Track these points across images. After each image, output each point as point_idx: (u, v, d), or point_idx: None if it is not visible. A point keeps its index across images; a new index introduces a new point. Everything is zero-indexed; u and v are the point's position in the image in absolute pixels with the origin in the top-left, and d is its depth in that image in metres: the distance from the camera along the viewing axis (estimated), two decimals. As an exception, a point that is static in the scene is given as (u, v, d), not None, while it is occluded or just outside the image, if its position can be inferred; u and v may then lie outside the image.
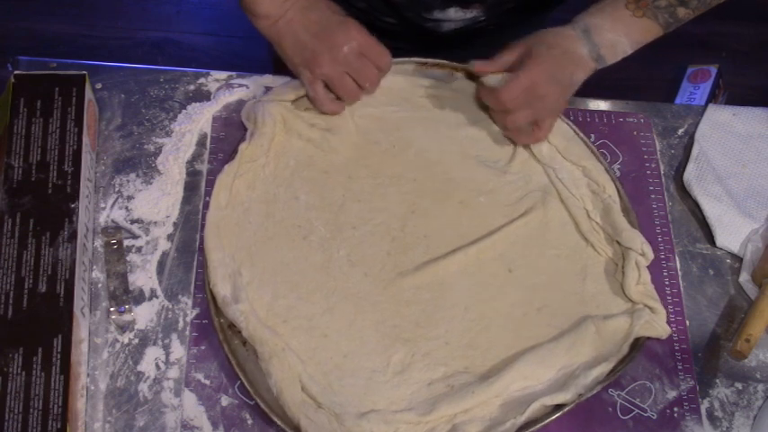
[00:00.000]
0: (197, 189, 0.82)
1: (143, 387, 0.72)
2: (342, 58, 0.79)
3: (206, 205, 0.79)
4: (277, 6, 0.79)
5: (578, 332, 0.75)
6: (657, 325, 0.76)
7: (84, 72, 0.81)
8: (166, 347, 0.74)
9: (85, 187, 0.77)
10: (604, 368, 0.73)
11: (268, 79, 0.88)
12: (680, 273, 0.83)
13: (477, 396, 0.71)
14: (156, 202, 0.81)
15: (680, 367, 0.78)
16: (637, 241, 0.79)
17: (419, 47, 0.91)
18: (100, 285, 0.76)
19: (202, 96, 0.88)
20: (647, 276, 0.79)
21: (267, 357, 0.70)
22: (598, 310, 0.78)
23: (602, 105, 0.95)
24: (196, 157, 0.84)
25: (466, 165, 0.85)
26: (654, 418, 0.75)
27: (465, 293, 0.78)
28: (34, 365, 0.66)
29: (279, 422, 0.69)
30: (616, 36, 0.81)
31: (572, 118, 0.90)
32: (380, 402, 0.71)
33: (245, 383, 0.70)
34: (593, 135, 0.90)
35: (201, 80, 0.89)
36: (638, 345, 0.76)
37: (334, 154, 0.83)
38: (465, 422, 0.70)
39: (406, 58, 0.89)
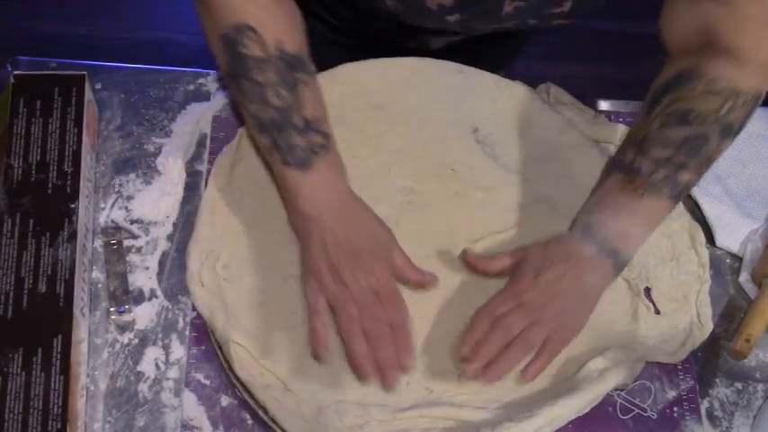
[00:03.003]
0: (197, 189, 0.82)
1: (143, 387, 0.72)
2: (355, 288, 0.71)
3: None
4: (311, 207, 0.73)
5: (560, 376, 0.74)
6: (633, 372, 0.75)
7: (84, 72, 0.81)
8: (166, 347, 0.74)
9: (85, 187, 0.77)
10: (578, 402, 0.71)
11: (268, 79, 0.88)
12: (680, 272, 0.83)
13: (455, 400, 0.71)
14: (155, 203, 0.81)
15: (680, 367, 0.78)
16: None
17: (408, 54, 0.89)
18: (100, 285, 0.76)
19: (202, 96, 0.88)
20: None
21: (224, 342, 0.70)
22: (586, 344, 0.75)
23: (602, 105, 0.94)
24: (196, 157, 0.84)
25: (465, 145, 0.85)
26: (654, 417, 0.75)
27: (452, 297, 0.77)
28: (34, 366, 0.66)
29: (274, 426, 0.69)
30: (622, 224, 0.73)
31: (572, 118, 0.90)
32: (352, 394, 0.71)
33: (240, 388, 0.70)
34: (592, 135, 0.90)
35: (201, 80, 0.89)
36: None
37: (338, 123, 0.82)
38: (441, 427, 0.70)
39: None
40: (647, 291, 0.80)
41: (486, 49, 0.96)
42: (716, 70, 0.71)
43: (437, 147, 0.85)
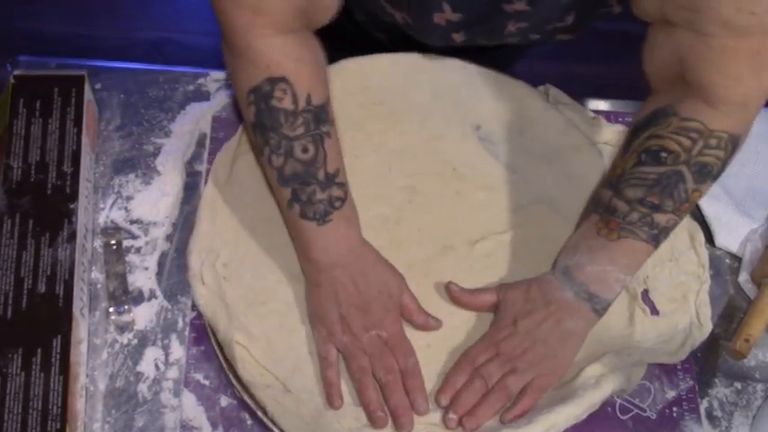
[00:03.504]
0: (196, 189, 0.82)
1: (142, 387, 0.72)
2: (365, 339, 0.72)
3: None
4: (324, 258, 0.73)
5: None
6: (632, 380, 0.74)
7: (84, 72, 0.81)
8: (166, 348, 0.74)
9: (85, 188, 0.77)
10: (576, 409, 0.71)
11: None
12: (679, 273, 0.83)
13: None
14: (155, 203, 0.81)
15: (679, 367, 0.78)
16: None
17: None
18: (99, 286, 0.76)
19: (201, 96, 0.88)
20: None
21: (227, 343, 0.70)
22: (583, 349, 0.74)
23: (601, 105, 0.94)
24: (195, 157, 0.84)
25: (467, 144, 0.85)
26: (653, 417, 0.75)
27: (452, 304, 0.77)
28: (33, 366, 0.66)
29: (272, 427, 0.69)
30: (600, 267, 0.72)
31: (571, 118, 0.90)
32: (350, 395, 0.71)
33: (240, 390, 0.70)
34: (592, 135, 0.90)
35: (201, 80, 0.89)
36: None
37: (339, 119, 0.81)
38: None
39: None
40: (645, 293, 0.80)
41: (487, 55, 0.96)
42: (690, 109, 0.69)
43: (438, 145, 0.85)
